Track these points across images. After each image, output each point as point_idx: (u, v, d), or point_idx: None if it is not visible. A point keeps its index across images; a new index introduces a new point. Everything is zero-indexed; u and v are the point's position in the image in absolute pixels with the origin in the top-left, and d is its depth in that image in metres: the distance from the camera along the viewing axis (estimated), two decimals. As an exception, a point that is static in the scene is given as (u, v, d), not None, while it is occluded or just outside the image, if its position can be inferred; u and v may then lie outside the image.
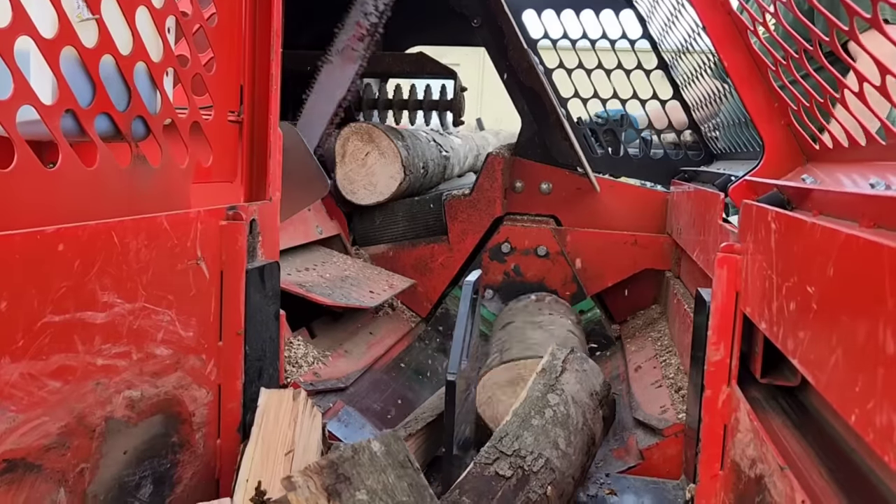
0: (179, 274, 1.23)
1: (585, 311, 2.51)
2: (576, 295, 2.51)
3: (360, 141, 2.37)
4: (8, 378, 0.87)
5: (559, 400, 1.37)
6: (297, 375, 1.66)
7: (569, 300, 2.49)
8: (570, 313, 2.32)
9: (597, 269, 2.52)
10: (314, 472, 0.84)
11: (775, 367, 1.17)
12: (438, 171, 2.78)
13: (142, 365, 1.14)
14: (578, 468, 1.31)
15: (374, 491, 0.88)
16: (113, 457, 1.09)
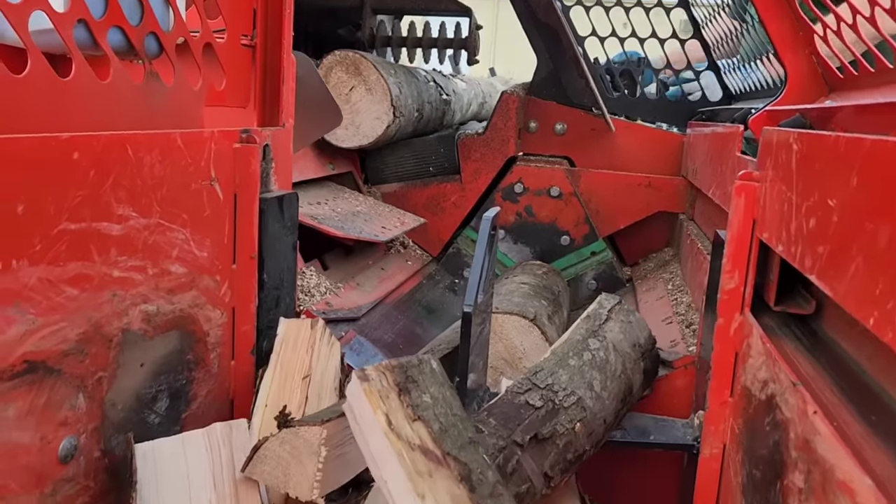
0: (193, 193, 1.23)
1: (597, 252, 2.50)
2: (588, 236, 2.49)
3: (344, 73, 2.12)
4: (27, 281, 0.88)
5: (600, 345, 1.37)
6: (309, 304, 1.67)
7: (581, 241, 2.49)
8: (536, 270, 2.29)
9: (610, 210, 2.49)
10: (386, 369, 0.87)
11: (789, 295, 1.16)
12: (436, 117, 2.64)
13: (157, 280, 1.15)
14: (612, 413, 1.31)
15: (436, 398, 0.90)
16: (130, 368, 1.11)
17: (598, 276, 2.50)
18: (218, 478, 1.06)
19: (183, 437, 1.14)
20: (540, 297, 1.94)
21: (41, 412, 0.93)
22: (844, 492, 0.68)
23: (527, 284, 2.02)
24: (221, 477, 1.06)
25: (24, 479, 0.91)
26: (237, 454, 1.09)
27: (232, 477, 1.06)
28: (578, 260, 2.52)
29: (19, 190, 0.85)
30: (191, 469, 1.08)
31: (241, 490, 1.04)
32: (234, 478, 1.06)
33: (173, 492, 1.03)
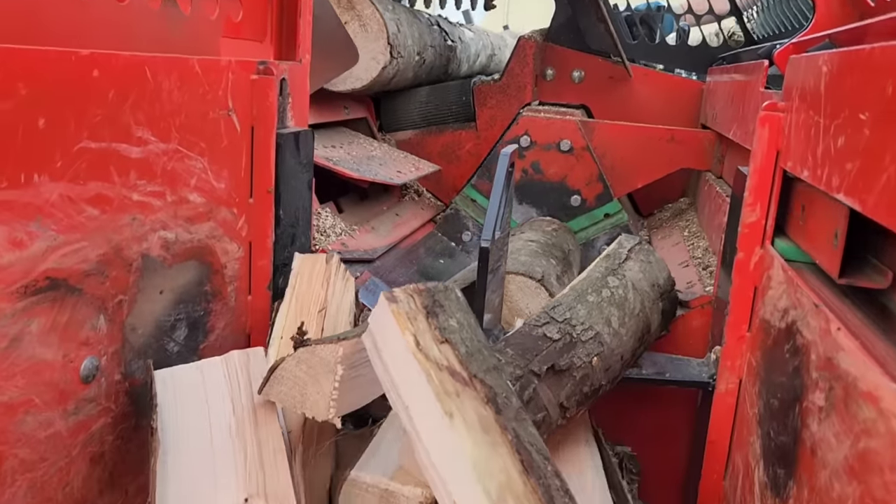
0: (211, 123, 1.22)
1: (611, 214, 2.26)
2: (601, 196, 2.26)
3: (335, 5, 1.93)
4: (48, 197, 0.88)
5: (619, 283, 1.36)
6: (325, 243, 1.67)
7: (593, 202, 2.26)
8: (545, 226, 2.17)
9: (627, 167, 2.24)
10: (414, 292, 0.87)
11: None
12: (440, 64, 2.46)
13: (176, 208, 1.15)
14: (629, 350, 1.31)
15: (462, 324, 0.91)
16: (149, 294, 1.11)
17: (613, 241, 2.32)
18: (237, 402, 1.06)
19: (201, 363, 1.14)
20: (549, 255, 1.81)
21: (63, 330, 0.94)
22: (869, 401, 0.67)
23: (535, 242, 1.87)
24: (240, 402, 1.07)
25: (47, 395, 0.93)
26: (255, 380, 1.10)
27: (251, 402, 1.07)
28: (590, 223, 2.27)
29: (40, 103, 0.85)
30: (209, 394, 1.08)
31: (260, 414, 1.05)
32: (253, 403, 1.07)
33: (193, 416, 1.04)
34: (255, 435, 1.00)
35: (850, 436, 0.71)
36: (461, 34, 2.71)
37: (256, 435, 1.00)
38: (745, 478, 1.12)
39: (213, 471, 0.95)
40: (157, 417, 1.02)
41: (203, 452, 0.98)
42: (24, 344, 0.87)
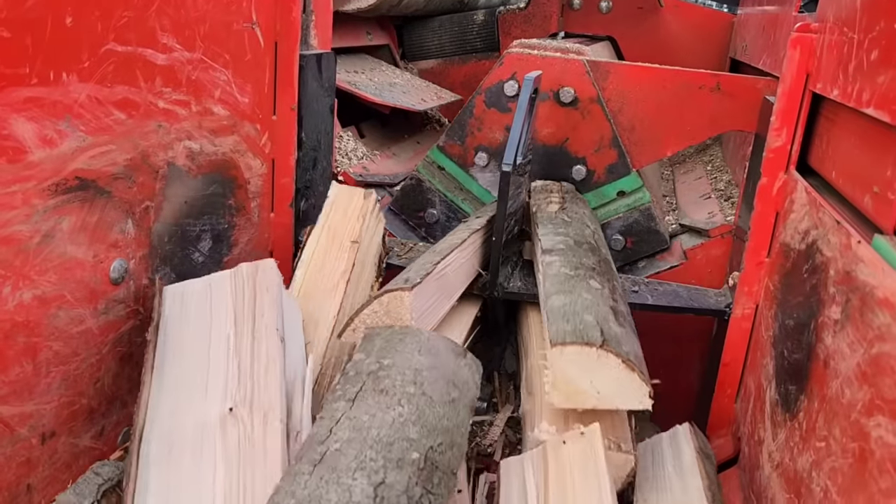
0: (235, 34, 1.22)
1: (627, 192, 1.62)
2: (614, 167, 1.62)
3: None
4: (76, 97, 0.89)
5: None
6: (346, 166, 1.67)
7: (603, 175, 1.63)
8: None
9: (652, 127, 1.61)
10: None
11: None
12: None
13: (200, 119, 1.16)
14: None
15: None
16: (175, 203, 1.13)
17: (629, 229, 1.63)
18: (239, 315, 1.05)
19: (211, 277, 1.12)
20: (587, 274, 1.16)
21: (93, 230, 0.96)
22: (885, 307, 0.68)
23: (557, 256, 1.21)
24: (242, 314, 1.05)
25: (78, 292, 0.95)
26: (261, 292, 1.08)
27: (252, 314, 1.05)
28: (599, 203, 1.64)
29: (67, 1, 0.85)
30: (214, 307, 1.07)
31: (259, 326, 1.04)
32: (254, 315, 1.05)
33: (195, 327, 1.04)
34: (251, 347, 1.00)
35: (864, 343, 0.72)
36: None
37: (252, 347, 1.00)
38: (757, 399, 1.14)
39: (206, 382, 0.96)
40: (160, 332, 1.02)
41: (199, 364, 0.98)
42: (56, 241, 0.90)
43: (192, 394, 0.95)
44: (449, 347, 0.89)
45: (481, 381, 1.30)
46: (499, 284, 1.28)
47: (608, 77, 1.62)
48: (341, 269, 1.10)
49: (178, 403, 0.95)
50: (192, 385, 0.94)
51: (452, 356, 0.88)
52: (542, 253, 1.17)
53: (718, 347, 1.34)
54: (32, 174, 0.85)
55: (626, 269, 1.64)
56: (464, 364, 0.89)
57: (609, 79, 1.62)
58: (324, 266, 1.14)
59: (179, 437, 0.90)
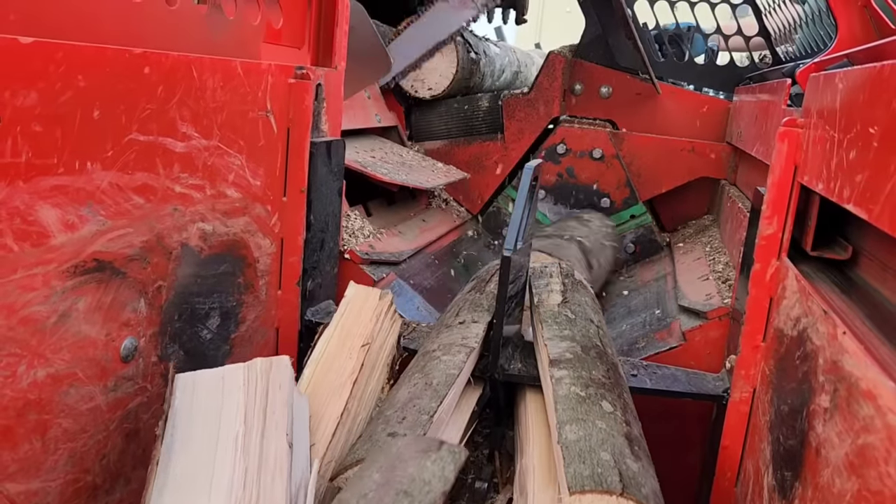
0: (250, 122, 1.28)
1: (637, 215, 2.52)
2: (628, 199, 2.52)
3: None
4: (99, 184, 0.94)
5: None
6: (353, 245, 1.72)
7: (621, 204, 2.52)
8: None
9: (652, 174, 2.50)
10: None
11: (826, 243, 1.18)
12: (463, 77, 2.53)
13: (214, 201, 1.21)
14: None
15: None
16: (187, 282, 1.17)
17: (637, 239, 2.52)
18: (249, 412, 1.03)
19: (224, 369, 1.10)
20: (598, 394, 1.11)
21: (107, 310, 1.00)
22: (868, 399, 0.70)
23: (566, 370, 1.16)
24: (253, 411, 1.03)
25: (90, 370, 0.98)
26: (273, 390, 1.06)
27: (263, 413, 1.03)
28: (618, 223, 2.51)
29: (96, 95, 0.91)
30: (225, 402, 1.05)
31: (270, 426, 1.01)
32: (265, 414, 1.03)
33: (204, 422, 1.02)
34: (259, 447, 0.98)
35: (851, 433, 0.74)
36: (486, 48, 2.75)
37: (261, 448, 0.98)
38: (756, 483, 1.15)
39: (210, 482, 0.94)
40: (168, 423, 1.00)
41: (205, 463, 0.96)
42: (72, 320, 0.93)
43: (196, 494, 0.92)
44: (418, 449, 0.85)
45: (484, 460, 1.31)
46: (499, 366, 1.30)
47: (623, 142, 2.53)
48: (349, 371, 1.11)
49: (183, 500, 0.92)
50: (197, 484, 0.92)
51: (417, 459, 0.84)
52: (549, 364, 1.17)
53: (718, 430, 1.35)
54: (53, 257, 0.89)
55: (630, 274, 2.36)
56: (430, 462, 0.84)
57: (624, 143, 2.53)
58: (332, 366, 1.12)
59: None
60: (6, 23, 0.83)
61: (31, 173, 0.84)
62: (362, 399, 1.12)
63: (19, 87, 0.80)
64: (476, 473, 1.32)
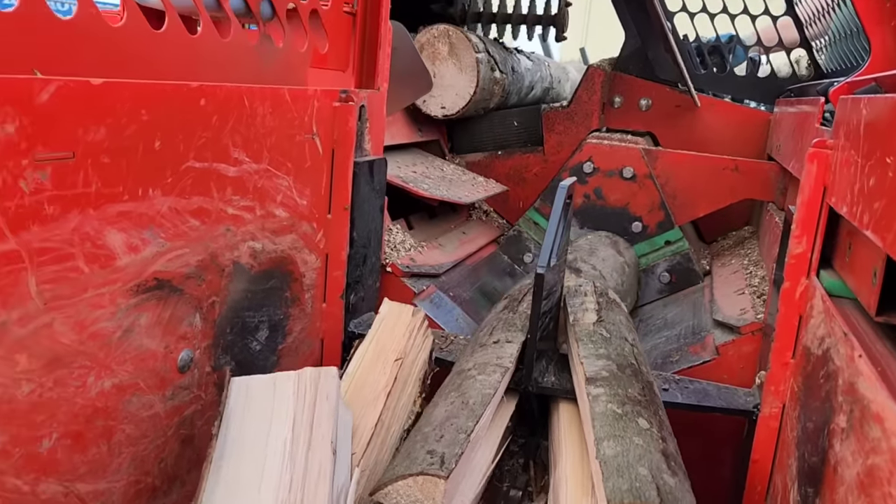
0: (297, 145, 1.36)
1: (672, 241, 2.26)
2: (662, 223, 2.26)
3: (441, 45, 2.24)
4: (159, 209, 1.03)
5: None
6: (394, 258, 1.79)
7: (654, 229, 2.27)
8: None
9: (689, 195, 2.25)
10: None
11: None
12: (483, 98, 2.40)
13: (263, 221, 1.29)
14: None
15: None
16: (238, 297, 1.25)
17: (673, 268, 2.25)
18: (297, 420, 1.08)
19: (276, 376, 1.16)
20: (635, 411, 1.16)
21: (166, 324, 1.08)
22: (877, 422, 0.74)
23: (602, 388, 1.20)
24: (301, 420, 1.08)
25: (150, 380, 1.07)
26: (321, 399, 1.11)
27: (310, 421, 1.08)
28: (651, 249, 2.28)
29: (157, 128, 0.99)
30: (276, 407, 1.11)
31: (315, 436, 1.06)
32: (312, 423, 1.08)
33: (256, 425, 1.07)
34: (305, 456, 1.02)
35: (862, 454, 0.77)
36: (516, 63, 2.67)
37: (307, 457, 1.02)
38: (783, 499, 1.17)
39: (259, 486, 0.99)
40: (223, 423, 1.05)
41: (255, 466, 1.01)
42: (134, 335, 1.02)
43: (245, 493, 0.98)
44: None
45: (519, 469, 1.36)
46: (533, 379, 1.35)
47: (657, 160, 2.29)
48: (382, 384, 1.17)
49: (232, 501, 0.98)
50: (247, 485, 0.98)
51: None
52: (586, 382, 1.20)
53: (749, 445, 1.37)
54: (118, 277, 0.97)
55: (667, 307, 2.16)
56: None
57: (658, 161, 2.29)
58: (367, 380, 1.18)
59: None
60: (80, 65, 0.92)
61: (99, 201, 0.92)
62: (395, 411, 1.18)
63: (90, 124, 0.89)
64: (511, 482, 1.37)
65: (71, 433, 0.93)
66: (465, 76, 2.27)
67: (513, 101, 2.66)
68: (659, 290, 2.25)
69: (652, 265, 2.27)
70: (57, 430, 0.91)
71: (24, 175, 0.81)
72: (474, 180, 2.34)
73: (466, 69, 2.27)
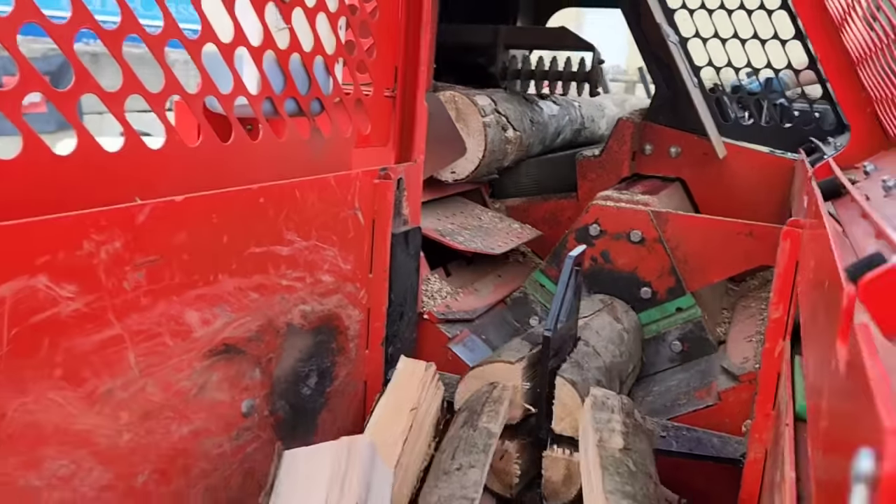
0: (341, 220, 1.60)
1: (683, 308, 2.13)
2: (673, 290, 2.14)
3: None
4: (226, 289, 1.28)
5: None
6: (431, 306, 2.01)
7: (664, 295, 2.15)
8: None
9: (701, 261, 2.12)
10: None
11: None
12: (496, 160, 2.45)
13: (312, 287, 1.53)
14: None
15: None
16: (291, 352, 1.50)
17: (685, 337, 2.12)
18: (332, 484, 1.18)
19: (318, 447, 1.27)
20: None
21: (232, 380, 1.33)
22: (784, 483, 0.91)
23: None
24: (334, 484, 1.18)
25: (219, 425, 1.31)
26: (352, 466, 1.21)
27: (341, 485, 1.19)
28: (661, 316, 2.16)
29: (225, 226, 1.25)
30: (314, 481, 1.21)
31: (346, 494, 1.16)
32: (342, 486, 1.18)
33: (299, 490, 1.21)
34: None
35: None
36: (535, 115, 2.70)
37: None
38: (761, 537, 1.34)
39: None
40: (270, 494, 1.18)
41: None
42: (207, 390, 1.27)
43: None
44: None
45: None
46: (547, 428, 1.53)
47: (667, 223, 2.18)
48: (400, 431, 1.39)
49: None
50: None
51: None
52: None
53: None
54: (195, 346, 1.22)
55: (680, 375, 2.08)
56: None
57: (668, 224, 2.18)
58: (387, 427, 1.39)
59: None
60: (166, 185, 1.18)
61: (180, 289, 1.17)
62: (412, 454, 1.39)
63: (174, 232, 1.14)
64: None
65: (158, 470, 1.19)
66: (473, 140, 2.32)
67: (536, 150, 2.75)
68: (671, 358, 2.14)
69: (663, 332, 2.16)
70: (148, 468, 1.17)
71: (126, 277, 1.07)
72: (510, 227, 2.55)
73: (474, 133, 2.32)
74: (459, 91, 2.34)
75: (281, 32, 1.41)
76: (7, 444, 0.94)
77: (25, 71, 0.95)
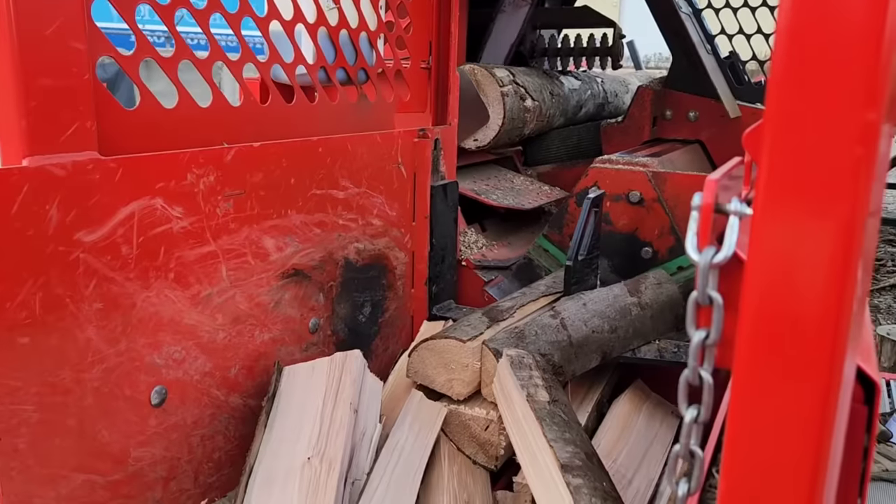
0: (387, 172, 1.87)
1: (685, 267, 2.14)
2: (674, 249, 2.14)
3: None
4: (294, 222, 1.55)
5: None
6: (469, 254, 2.26)
7: (665, 254, 2.16)
8: None
9: None
10: None
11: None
12: (511, 128, 2.54)
13: (364, 229, 1.80)
14: None
15: None
16: (348, 283, 1.77)
17: (687, 294, 2.13)
18: (328, 391, 1.42)
19: (314, 362, 1.50)
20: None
21: (301, 300, 1.61)
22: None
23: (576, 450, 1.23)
24: (330, 390, 1.42)
25: (292, 337, 1.59)
26: (345, 374, 1.45)
27: (336, 390, 1.42)
28: None
29: (292, 170, 1.52)
30: (313, 384, 1.45)
31: (340, 400, 1.41)
32: (337, 391, 1.41)
33: (298, 398, 1.45)
34: (331, 414, 1.36)
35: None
36: (556, 88, 2.81)
37: (332, 414, 1.36)
38: None
39: (298, 437, 1.34)
40: (272, 400, 1.44)
41: (296, 424, 1.37)
42: (282, 305, 1.55)
43: (288, 444, 1.34)
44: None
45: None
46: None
47: (666, 183, 2.18)
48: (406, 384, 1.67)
49: (279, 450, 1.34)
50: (290, 438, 1.35)
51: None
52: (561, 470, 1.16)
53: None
54: (271, 267, 1.51)
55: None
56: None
57: (667, 184, 2.18)
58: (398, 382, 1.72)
59: (275, 474, 1.29)
60: (245, 134, 1.46)
61: (259, 219, 1.46)
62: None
63: (253, 171, 1.43)
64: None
65: (246, 366, 1.47)
66: (493, 109, 2.46)
67: (559, 122, 2.94)
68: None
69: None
70: (239, 363, 1.45)
71: (218, 205, 1.35)
72: (540, 189, 2.79)
73: (493, 103, 2.46)
74: (478, 64, 2.57)
75: (331, 11, 1.69)
76: (138, 328, 1.24)
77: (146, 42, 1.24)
